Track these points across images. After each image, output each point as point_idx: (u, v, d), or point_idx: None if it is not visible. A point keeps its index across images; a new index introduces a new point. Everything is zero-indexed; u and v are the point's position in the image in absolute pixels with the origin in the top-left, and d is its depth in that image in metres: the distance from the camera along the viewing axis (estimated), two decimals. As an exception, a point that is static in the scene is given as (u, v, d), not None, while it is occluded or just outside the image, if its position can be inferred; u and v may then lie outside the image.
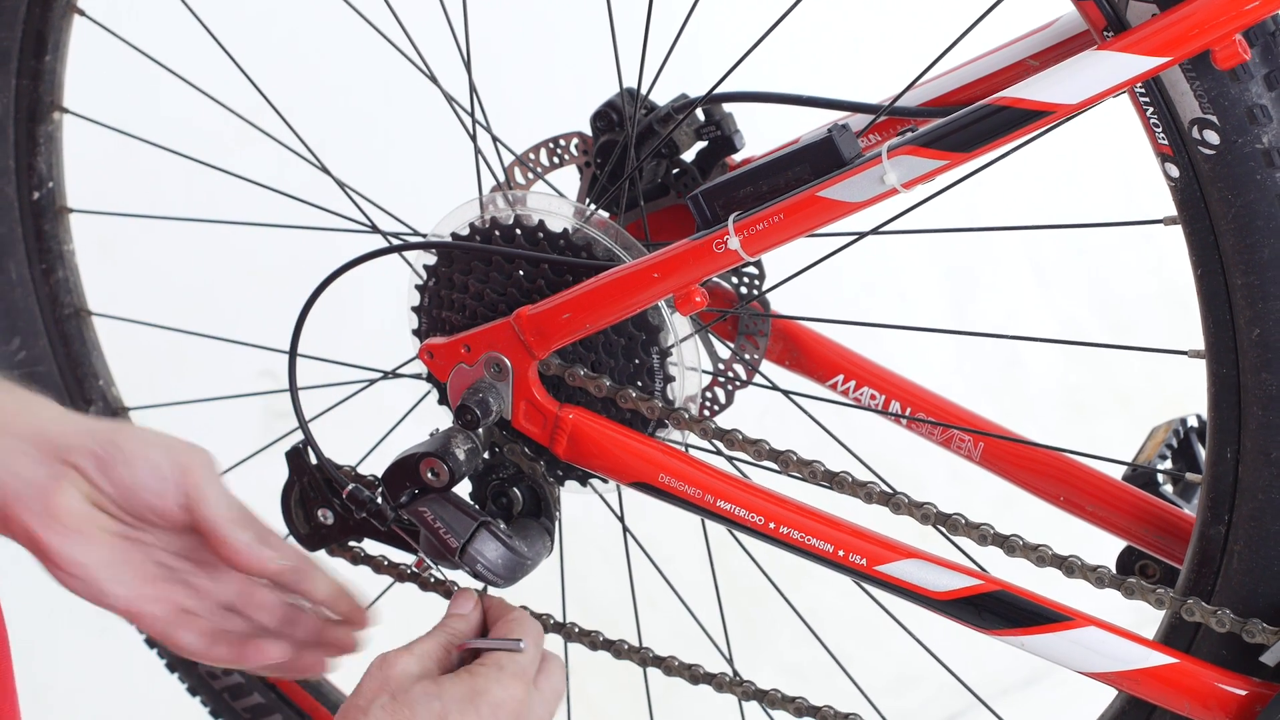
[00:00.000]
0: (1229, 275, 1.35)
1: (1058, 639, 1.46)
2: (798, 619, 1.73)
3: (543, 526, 1.57)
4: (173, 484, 1.46)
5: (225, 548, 1.49)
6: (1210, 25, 1.28)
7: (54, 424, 1.44)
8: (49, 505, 1.43)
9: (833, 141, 1.41)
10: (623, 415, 1.54)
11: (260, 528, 1.52)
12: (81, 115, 1.87)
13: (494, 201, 1.56)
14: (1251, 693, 1.43)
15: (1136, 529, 1.60)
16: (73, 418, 1.47)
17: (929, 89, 1.55)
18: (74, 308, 1.90)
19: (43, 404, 1.48)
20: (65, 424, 1.45)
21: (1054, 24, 1.50)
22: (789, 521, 1.50)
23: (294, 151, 1.76)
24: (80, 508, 1.44)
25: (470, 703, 1.38)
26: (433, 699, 1.38)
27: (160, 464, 1.46)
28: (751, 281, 1.67)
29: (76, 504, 1.44)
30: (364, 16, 1.67)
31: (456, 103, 1.62)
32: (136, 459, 1.45)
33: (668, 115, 1.64)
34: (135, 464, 1.45)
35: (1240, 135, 1.31)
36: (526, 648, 1.45)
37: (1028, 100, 1.33)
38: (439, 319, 1.58)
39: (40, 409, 1.46)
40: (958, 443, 1.67)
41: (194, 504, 1.47)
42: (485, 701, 1.39)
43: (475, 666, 1.42)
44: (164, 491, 1.46)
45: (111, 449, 1.44)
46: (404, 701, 1.38)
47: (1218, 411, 1.40)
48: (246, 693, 1.90)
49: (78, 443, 1.44)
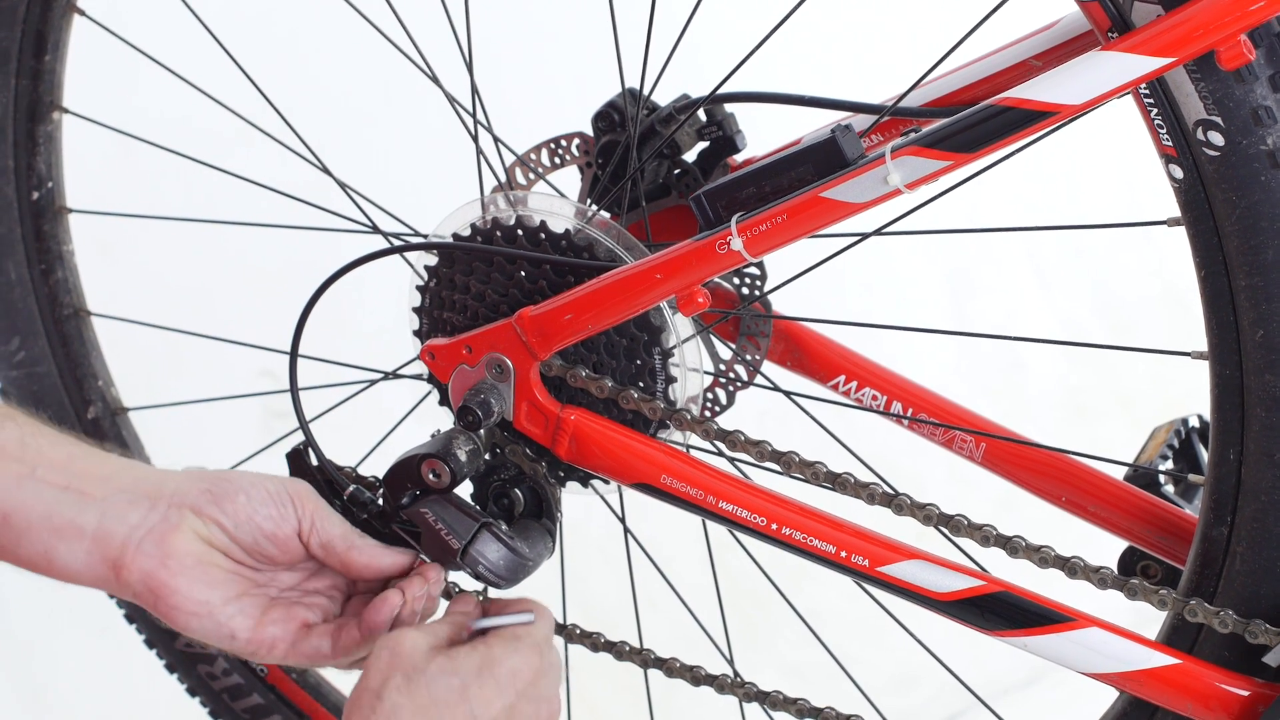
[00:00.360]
0: (1233, 277, 1.35)
1: (1060, 640, 1.46)
2: (799, 620, 1.72)
3: (544, 528, 1.57)
4: (291, 509, 1.45)
5: (357, 556, 1.47)
6: (1215, 26, 1.28)
7: (157, 473, 1.44)
8: (166, 548, 1.42)
9: (836, 142, 1.41)
10: (624, 416, 1.54)
11: None
12: (81, 115, 1.87)
13: (495, 202, 1.56)
14: (1254, 693, 1.43)
15: (1138, 530, 1.60)
16: (173, 469, 1.46)
17: (932, 89, 1.55)
18: (73, 308, 1.90)
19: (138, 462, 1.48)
20: (168, 473, 1.45)
21: (1057, 24, 1.50)
22: (791, 522, 1.50)
23: (295, 152, 1.76)
24: (197, 547, 1.43)
25: (488, 671, 1.35)
26: (449, 675, 1.34)
27: (276, 491, 1.45)
28: (753, 282, 1.67)
29: (194, 544, 1.43)
30: (365, 17, 1.67)
31: (458, 103, 1.62)
32: (251, 488, 1.44)
33: (670, 116, 1.64)
34: (251, 492, 1.44)
35: (1245, 136, 1.31)
36: (536, 621, 1.42)
37: (1032, 101, 1.33)
38: (440, 320, 1.58)
39: (138, 464, 1.46)
40: (959, 443, 1.67)
41: (316, 525, 1.46)
42: (503, 669, 1.36)
43: (489, 638, 1.39)
44: (282, 516, 1.45)
45: (223, 483, 1.44)
46: (419, 681, 1.34)
47: (1221, 413, 1.40)
48: (246, 693, 1.90)
49: (186, 485, 1.43)
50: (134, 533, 1.42)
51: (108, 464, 1.44)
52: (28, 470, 1.41)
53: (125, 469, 1.44)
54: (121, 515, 1.42)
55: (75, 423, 1.89)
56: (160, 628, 1.87)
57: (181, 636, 1.80)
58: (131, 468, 1.45)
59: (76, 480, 1.42)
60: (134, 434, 1.94)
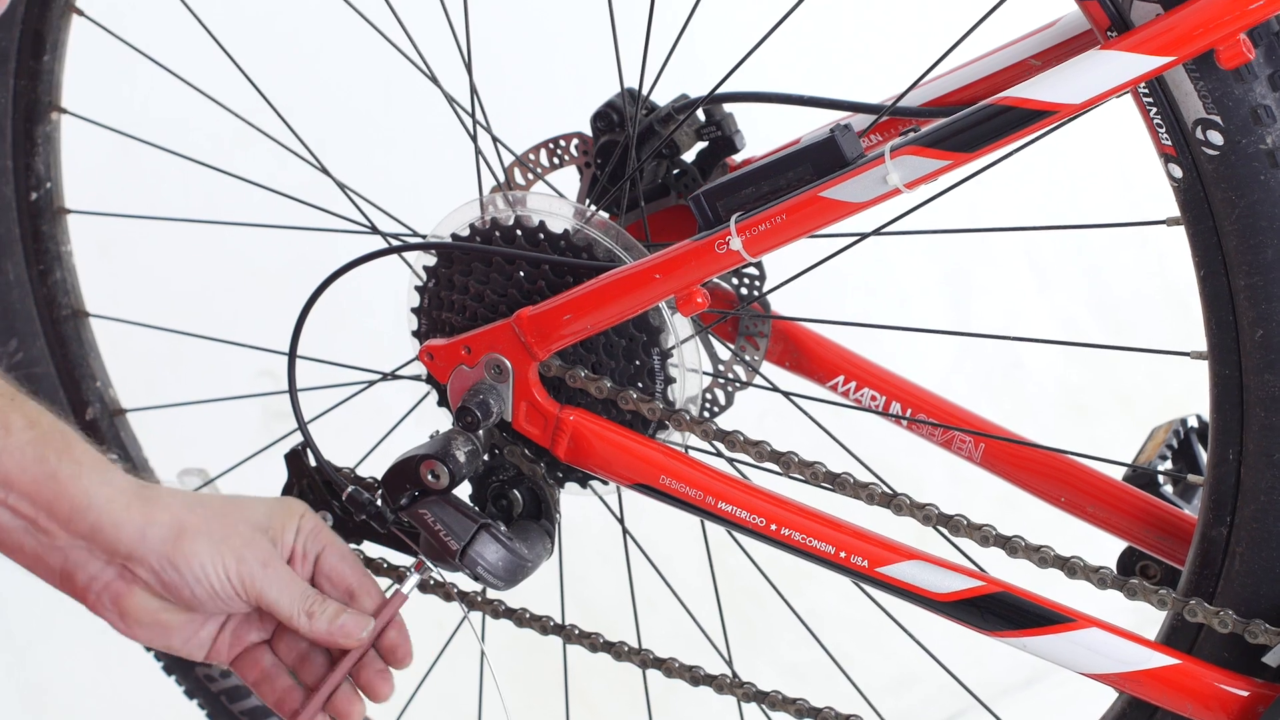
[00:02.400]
0: (1232, 276, 1.35)
1: (1060, 640, 1.45)
2: (797, 620, 1.72)
3: (543, 528, 1.57)
4: (234, 588, 1.47)
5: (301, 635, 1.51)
6: (1214, 25, 1.27)
7: (111, 528, 1.45)
8: (122, 606, 1.46)
9: (835, 142, 1.41)
10: (623, 417, 1.54)
11: (350, 577, 1.52)
12: (80, 116, 1.87)
13: (494, 202, 1.55)
14: (1254, 694, 1.43)
15: (1137, 530, 1.60)
16: (132, 509, 1.46)
17: (931, 89, 1.55)
18: (71, 309, 1.90)
19: (102, 488, 1.46)
20: (122, 526, 1.45)
21: (1056, 23, 1.50)
22: (790, 523, 1.50)
23: (293, 152, 1.76)
24: (152, 604, 1.47)
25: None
26: None
27: (215, 575, 1.46)
28: (752, 282, 1.67)
29: (148, 602, 1.47)
30: (364, 16, 1.67)
31: (457, 103, 1.62)
32: (193, 577, 1.46)
33: (668, 115, 1.64)
34: (194, 583, 1.46)
35: (1244, 136, 1.31)
36: None
37: (1031, 100, 1.33)
38: (439, 320, 1.58)
39: (101, 495, 1.45)
40: (958, 444, 1.67)
41: (259, 602, 1.48)
42: None
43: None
44: (227, 596, 1.47)
45: (168, 569, 1.45)
46: None
47: (1220, 413, 1.40)
48: (244, 695, 1.90)
49: (139, 554, 1.45)
50: (93, 583, 1.46)
51: (70, 495, 1.45)
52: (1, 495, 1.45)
53: (84, 508, 1.44)
54: (81, 563, 1.46)
55: (72, 425, 1.89)
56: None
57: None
58: (89, 507, 1.45)
59: (42, 517, 1.45)
60: (132, 435, 1.94)
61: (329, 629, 1.48)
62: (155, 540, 1.45)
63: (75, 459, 1.45)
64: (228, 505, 1.49)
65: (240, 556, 1.46)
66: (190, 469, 1.82)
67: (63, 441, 1.46)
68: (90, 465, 1.46)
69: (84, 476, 1.45)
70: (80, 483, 1.45)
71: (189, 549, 1.45)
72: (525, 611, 1.62)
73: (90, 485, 1.45)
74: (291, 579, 1.48)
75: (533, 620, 1.62)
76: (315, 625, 1.48)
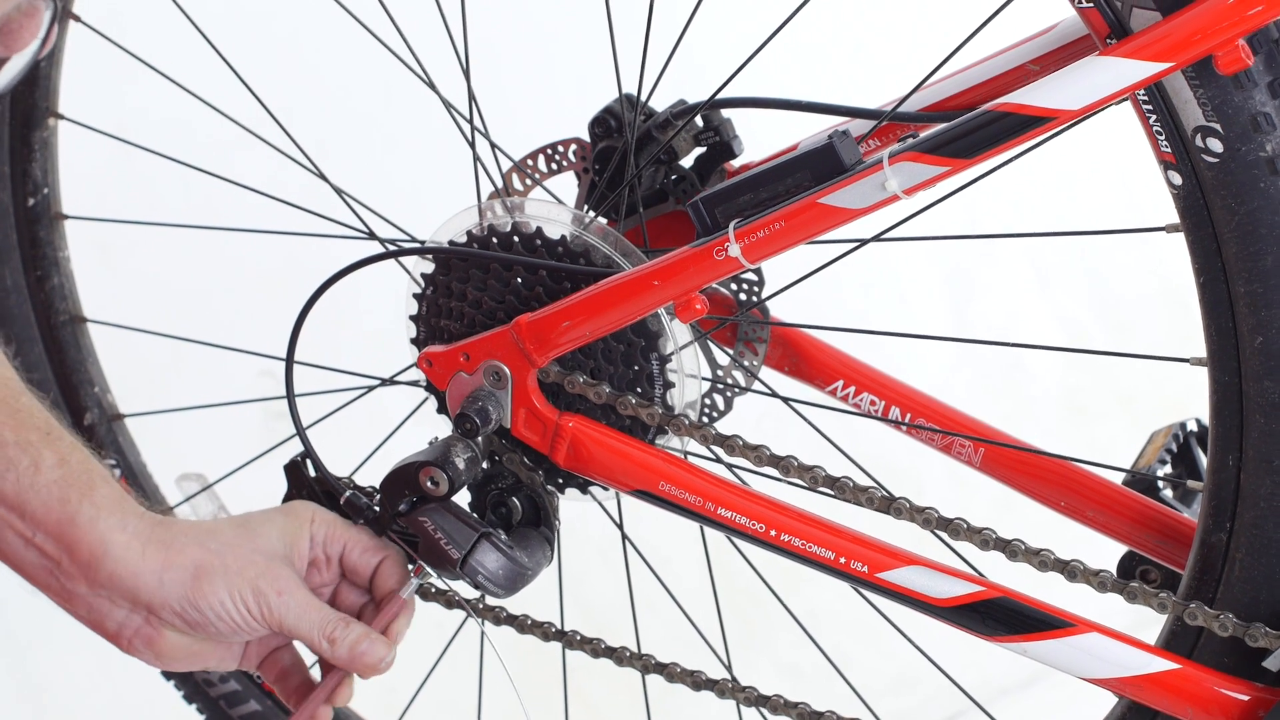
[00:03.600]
0: (1232, 283, 1.35)
1: (1060, 645, 1.45)
2: (796, 622, 1.72)
3: (542, 536, 1.56)
4: (255, 620, 1.49)
5: (324, 658, 1.52)
6: (1213, 31, 1.27)
7: (130, 577, 1.46)
8: (156, 649, 1.49)
9: (833, 148, 1.40)
10: (622, 422, 1.54)
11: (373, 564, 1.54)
12: (77, 121, 1.87)
13: (492, 208, 1.55)
14: (1254, 698, 1.43)
15: (1137, 534, 1.60)
16: (148, 556, 1.47)
17: (930, 94, 1.55)
18: (69, 314, 1.90)
19: (110, 521, 1.47)
20: (140, 575, 1.46)
21: (1055, 29, 1.50)
22: (790, 529, 1.50)
23: (291, 158, 1.76)
24: (183, 641, 1.50)
25: None
26: None
27: (236, 610, 1.48)
28: (751, 288, 1.67)
29: (179, 640, 1.50)
30: (362, 23, 1.67)
31: (455, 109, 1.62)
32: (214, 615, 1.48)
33: (667, 121, 1.64)
34: (217, 620, 1.48)
35: (1244, 143, 1.31)
36: None
37: (1030, 106, 1.33)
38: (437, 327, 1.57)
39: (109, 537, 1.46)
40: (958, 448, 1.67)
41: (280, 629, 1.50)
42: None
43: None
44: (250, 628, 1.49)
45: (190, 610, 1.47)
46: None
47: (1220, 419, 1.40)
48: (243, 700, 1.90)
49: (159, 600, 1.47)
50: (123, 630, 1.48)
51: (89, 542, 1.45)
52: (29, 532, 1.46)
53: (101, 556, 1.45)
54: (107, 612, 1.48)
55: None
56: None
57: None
58: (106, 555, 1.45)
59: (65, 559, 1.46)
60: (130, 440, 1.94)
61: (350, 656, 1.50)
62: (173, 585, 1.46)
63: (95, 503, 1.46)
64: (240, 534, 1.50)
65: (256, 589, 1.47)
66: (189, 474, 1.82)
67: (87, 482, 1.47)
68: (109, 509, 1.46)
69: (101, 521, 1.46)
70: (97, 529, 1.46)
71: (207, 589, 1.47)
72: (526, 618, 1.62)
73: (106, 532, 1.46)
74: (309, 605, 1.49)
75: (534, 626, 1.62)
76: (337, 652, 1.50)
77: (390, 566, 1.53)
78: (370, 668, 1.51)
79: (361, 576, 1.54)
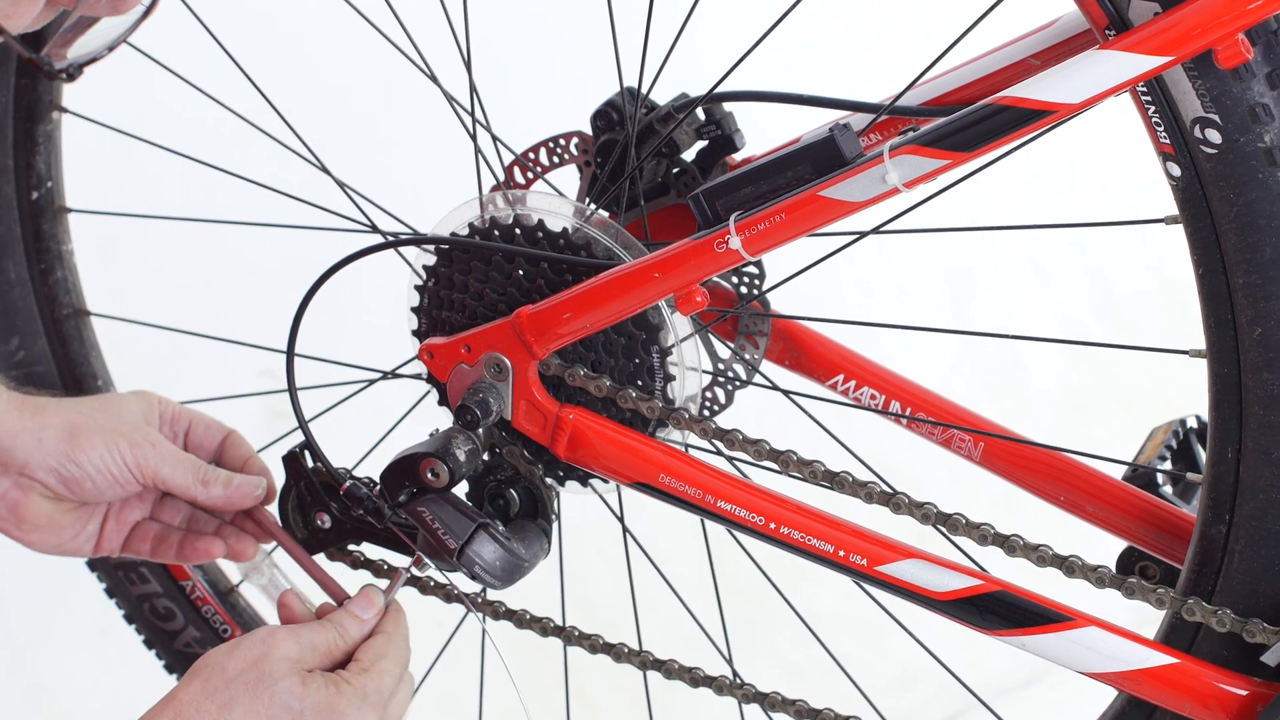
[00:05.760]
0: (1230, 274, 1.35)
1: (1058, 639, 1.46)
2: (797, 619, 1.72)
3: (540, 528, 1.57)
4: (131, 472, 1.57)
5: (199, 504, 1.60)
6: (1212, 24, 1.28)
7: (8, 437, 1.55)
8: (18, 514, 1.57)
9: (834, 141, 1.41)
10: (623, 415, 1.54)
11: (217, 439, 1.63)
12: (80, 115, 1.87)
13: (494, 201, 1.56)
14: (1252, 693, 1.43)
15: (1137, 529, 1.60)
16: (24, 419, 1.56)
17: (930, 88, 1.55)
18: (72, 308, 1.90)
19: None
20: (17, 435, 1.55)
21: (1055, 23, 1.50)
22: (789, 522, 1.50)
23: (294, 151, 1.76)
24: (46, 508, 1.58)
25: (326, 718, 1.44)
26: (292, 700, 1.43)
27: (114, 462, 1.57)
28: (751, 281, 1.67)
29: (42, 506, 1.58)
30: (364, 16, 1.67)
31: (456, 102, 1.62)
32: (93, 468, 1.56)
33: (668, 114, 1.64)
34: (95, 473, 1.57)
35: (1242, 134, 1.31)
36: (388, 669, 1.48)
37: (1030, 100, 1.33)
38: (439, 319, 1.58)
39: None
40: (958, 443, 1.67)
41: (157, 483, 1.58)
42: None
43: (342, 681, 1.45)
44: (126, 480, 1.57)
45: (69, 465, 1.56)
46: (266, 688, 1.43)
47: (1219, 411, 1.40)
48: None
49: (36, 459, 1.56)
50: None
51: None
52: None
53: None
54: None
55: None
56: (159, 629, 1.87)
57: (180, 637, 1.86)
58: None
59: None
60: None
61: (226, 493, 1.58)
62: (52, 443, 1.55)
63: None
64: (106, 401, 1.60)
65: (133, 442, 1.56)
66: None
67: None
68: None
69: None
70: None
71: (85, 444, 1.55)
72: (525, 613, 1.62)
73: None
74: (180, 455, 1.58)
75: (533, 621, 1.62)
76: (212, 491, 1.58)
77: (237, 438, 1.62)
78: (248, 500, 1.58)
79: (208, 451, 1.61)
